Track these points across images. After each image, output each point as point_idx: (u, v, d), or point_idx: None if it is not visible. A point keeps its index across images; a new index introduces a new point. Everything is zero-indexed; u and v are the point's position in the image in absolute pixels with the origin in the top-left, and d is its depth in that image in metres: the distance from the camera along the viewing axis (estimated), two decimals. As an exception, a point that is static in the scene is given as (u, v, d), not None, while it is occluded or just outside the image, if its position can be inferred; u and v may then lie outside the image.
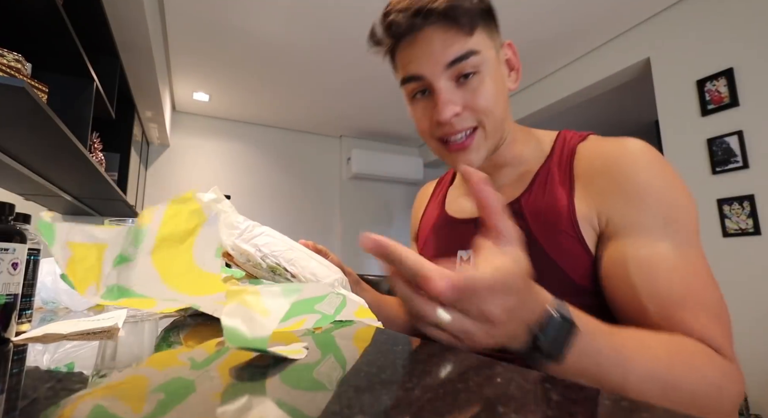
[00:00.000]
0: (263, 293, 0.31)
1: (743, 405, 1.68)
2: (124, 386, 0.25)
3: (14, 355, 0.33)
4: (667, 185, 0.48)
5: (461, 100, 0.52)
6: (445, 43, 0.50)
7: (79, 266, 0.35)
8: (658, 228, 0.46)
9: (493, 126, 0.54)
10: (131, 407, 0.20)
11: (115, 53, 1.91)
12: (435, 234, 0.67)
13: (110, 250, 0.36)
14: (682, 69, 2.11)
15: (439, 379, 0.25)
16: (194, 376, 0.26)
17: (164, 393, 0.22)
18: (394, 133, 4.20)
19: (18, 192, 1.89)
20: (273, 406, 0.20)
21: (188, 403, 0.21)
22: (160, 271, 0.34)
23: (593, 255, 0.50)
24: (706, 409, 0.37)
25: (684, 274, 0.44)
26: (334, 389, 0.22)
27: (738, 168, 1.85)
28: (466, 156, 0.54)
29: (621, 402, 0.19)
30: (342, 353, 0.33)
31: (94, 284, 0.36)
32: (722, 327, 0.42)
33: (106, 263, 0.36)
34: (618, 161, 0.50)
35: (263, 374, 0.26)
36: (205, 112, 3.65)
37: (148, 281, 0.34)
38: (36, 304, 0.69)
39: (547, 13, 2.25)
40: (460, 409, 0.19)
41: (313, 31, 2.42)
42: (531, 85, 3.08)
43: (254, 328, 0.27)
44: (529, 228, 0.53)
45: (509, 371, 0.25)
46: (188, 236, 0.33)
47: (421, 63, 0.52)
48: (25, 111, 0.96)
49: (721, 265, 1.88)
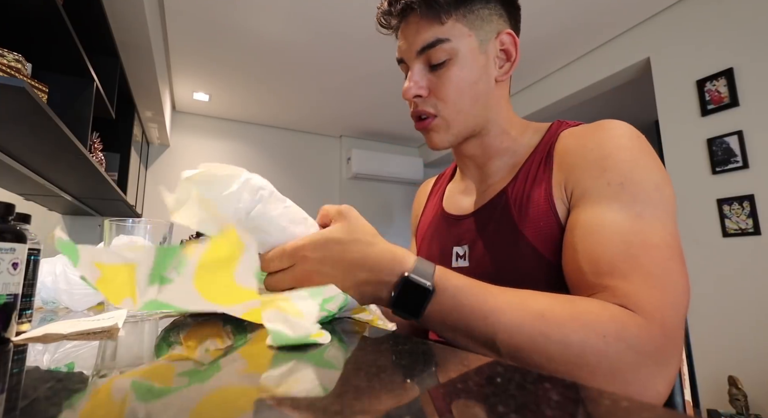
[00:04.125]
0: (293, 297, 0.35)
1: (743, 405, 1.68)
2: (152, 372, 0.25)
3: (14, 355, 0.33)
4: (630, 157, 0.47)
5: (428, 84, 0.55)
6: (418, 31, 0.55)
7: (111, 284, 0.36)
8: (611, 193, 0.45)
9: (455, 115, 0.56)
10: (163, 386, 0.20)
11: (115, 53, 1.91)
12: (433, 230, 0.68)
13: (141, 268, 0.37)
14: (682, 69, 2.11)
15: (439, 379, 0.25)
16: (206, 364, 0.26)
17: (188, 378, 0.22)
18: (394, 133, 4.20)
19: (18, 192, 1.89)
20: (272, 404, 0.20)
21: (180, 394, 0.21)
22: (202, 291, 0.35)
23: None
24: (581, 358, 0.35)
25: (627, 238, 0.41)
26: (333, 390, 0.22)
27: (738, 168, 1.85)
28: (429, 136, 0.58)
29: (621, 402, 0.19)
30: (341, 353, 0.33)
31: (130, 298, 0.37)
32: (659, 292, 0.38)
33: (140, 280, 0.37)
34: (589, 136, 0.51)
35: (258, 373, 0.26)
36: (205, 112, 3.65)
37: (189, 299, 0.36)
38: (36, 304, 0.69)
39: (546, 13, 2.25)
40: (460, 409, 0.19)
41: (313, 31, 2.42)
42: (531, 84, 3.08)
43: (296, 329, 0.31)
44: (513, 218, 0.54)
45: (509, 371, 0.25)
46: (230, 262, 0.35)
47: (402, 48, 0.57)
48: (25, 111, 0.96)
49: (721, 265, 1.88)
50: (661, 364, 0.36)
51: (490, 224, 0.57)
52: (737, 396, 1.70)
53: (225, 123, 3.82)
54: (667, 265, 0.40)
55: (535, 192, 0.53)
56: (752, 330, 1.76)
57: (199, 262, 0.35)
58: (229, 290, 0.35)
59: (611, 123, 0.51)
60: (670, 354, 0.37)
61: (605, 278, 0.40)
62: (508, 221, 0.54)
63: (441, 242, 0.64)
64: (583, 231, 0.44)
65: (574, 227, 0.46)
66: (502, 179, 0.59)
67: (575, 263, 0.44)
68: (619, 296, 0.39)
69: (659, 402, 0.36)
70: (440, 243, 0.64)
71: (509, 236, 0.53)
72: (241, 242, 0.34)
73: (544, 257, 0.50)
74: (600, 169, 0.47)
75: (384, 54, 2.64)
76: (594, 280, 0.41)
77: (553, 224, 0.50)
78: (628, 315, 0.37)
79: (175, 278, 0.35)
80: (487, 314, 0.37)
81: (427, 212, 0.75)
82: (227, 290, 0.35)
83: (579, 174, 0.49)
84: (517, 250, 0.52)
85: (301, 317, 0.32)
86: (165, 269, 0.36)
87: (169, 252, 0.36)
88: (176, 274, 0.35)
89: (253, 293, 0.35)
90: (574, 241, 0.45)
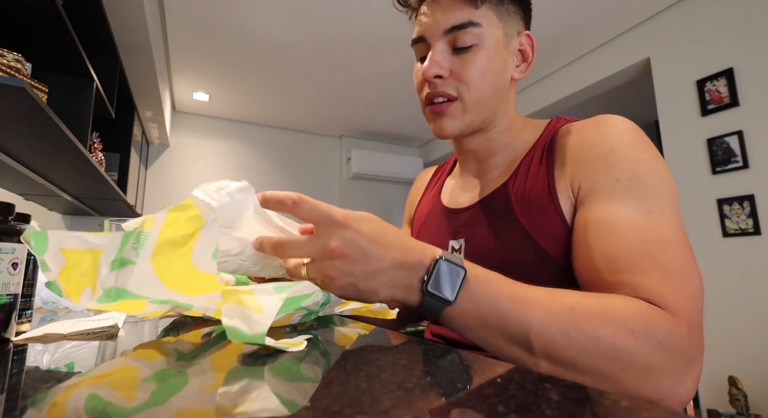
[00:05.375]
0: (257, 291, 0.33)
1: (743, 405, 1.68)
2: (115, 376, 0.25)
3: (14, 355, 0.33)
4: (635, 152, 0.47)
5: (450, 66, 0.54)
6: (449, 10, 0.53)
7: (74, 272, 0.35)
8: (621, 190, 0.45)
9: (474, 102, 0.55)
10: (124, 396, 0.20)
11: (115, 53, 1.91)
12: (429, 223, 0.68)
13: (106, 255, 0.36)
14: (682, 69, 2.11)
15: (440, 379, 0.25)
16: (186, 367, 0.26)
17: (156, 383, 0.22)
18: (394, 133, 4.20)
19: (18, 192, 1.89)
20: (270, 401, 0.20)
21: (182, 394, 0.21)
22: (160, 274, 0.34)
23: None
24: (613, 353, 0.34)
25: (642, 234, 0.41)
26: (333, 390, 0.22)
27: (738, 168, 1.85)
28: (441, 122, 0.56)
29: (621, 402, 0.19)
30: (341, 352, 0.33)
31: (90, 288, 0.35)
32: (680, 288, 0.38)
33: (102, 266, 0.36)
34: (590, 131, 0.51)
35: (255, 370, 0.26)
36: (205, 112, 3.65)
37: (147, 284, 0.34)
38: (36, 304, 0.69)
39: (547, 13, 2.25)
40: (461, 409, 0.19)
41: (313, 31, 2.42)
42: (531, 84, 3.08)
43: (251, 325, 0.29)
44: (514, 213, 0.53)
45: (509, 371, 0.25)
46: (187, 241, 0.33)
47: (426, 26, 0.55)
48: (25, 111, 0.96)
49: (721, 265, 1.88)
50: (689, 360, 0.35)
51: (488, 219, 0.57)
52: (737, 396, 1.70)
53: (225, 123, 3.82)
54: (683, 259, 0.40)
55: (536, 187, 0.53)
56: (752, 330, 1.76)
57: (158, 238, 0.33)
58: (187, 273, 0.33)
59: (611, 118, 0.51)
60: (696, 350, 0.36)
61: (624, 275, 0.40)
62: (509, 215, 0.54)
63: (437, 235, 0.64)
64: (596, 229, 0.44)
65: (586, 224, 0.46)
66: (501, 175, 0.59)
67: (590, 262, 0.43)
68: (640, 292, 0.38)
69: (689, 399, 0.36)
70: (436, 236, 0.64)
71: (509, 229, 0.53)
72: (200, 216, 0.33)
73: (544, 252, 0.50)
74: (607, 165, 0.47)
75: (384, 54, 2.64)
76: (611, 278, 0.41)
77: (556, 220, 0.49)
78: (655, 310, 0.36)
79: (134, 259, 0.34)
80: (520, 303, 0.36)
81: (423, 203, 0.75)
82: (184, 274, 0.33)
83: (586, 170, 0.48)
84: (516, 243, 0.52)
85: (260, 313, 0.30)
86: (124, 249, 0.35)
87: (131, 233, 0.35)
88: (135, 254, 0.34)
89: (212, 278, 0.33)
90: (588, 239, 0.44)
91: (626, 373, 0.34)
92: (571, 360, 0.35)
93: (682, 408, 0.38)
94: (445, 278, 0.36)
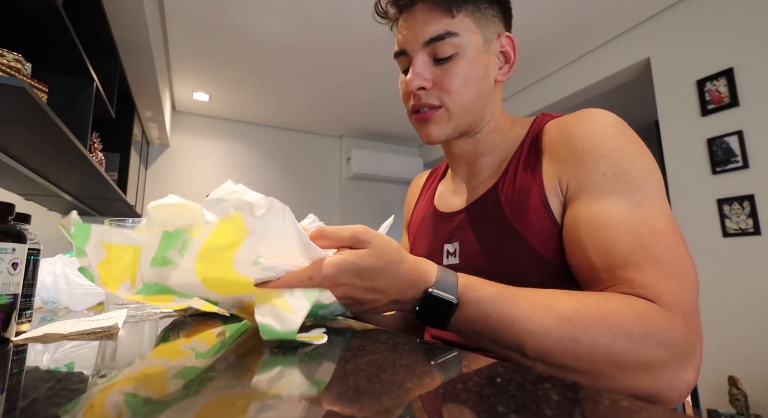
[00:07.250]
0: (287, 294, 0.36)
1: (743, 405, 1.68)
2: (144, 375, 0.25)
3: (14, 355, 0.33)
4: (619, 146, 0.47)
5: (432, 77, 0.55)
6: (426, 22, 0.54)
7: (114, 265, 0.38)
8: (608, 185, 0.45)
9: (459, 109, 0.55)
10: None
11: (115, 53, 1.91)
12: (424, 227, 0.69)
13: (146, 252, 0.38)
14: (682, 69, 2.11)
15: (439, 379, 0.25)
16: (207, 365, 0.26)
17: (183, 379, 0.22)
18: (394, 133, 4.20)
19: (18, 192, 1.89)
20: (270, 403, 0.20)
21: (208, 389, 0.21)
22: (201, 275, 0.36)
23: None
24: (610, 358, 0.35)
25: (634, 228, 0.42)
26: (333, 390, 0.22)
27: (738, 168, 1.85)
28: (427, 129, 0.57)
29: (621, 402, 0.19)
30: (341, 352, 0.33)
31: (129, 281, 0.38)
32: (676, 281, 0.39)
33: (143, 262, 0.38)
34: (574, 127, 0.51)
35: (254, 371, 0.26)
36: (205, 112, 3.65)
37: (188, 283, 0.36)
38: (36, 304, 0.69)
39: (546, 13, 2.25)
40: (461, 409, 0.19)
41: (313, 31, 2.42)
42: (531, 85, 3.08)
43: (284, 323, 0.33)
44: (505, 215, 0.54)
45: (509, 371, 0.25)
46: (231, 247, 0.35)
47: (406, 39, 0.56)
48: (25, 111, 0.96)
49: (721, 265, 1.88)
50: (688, 354, 0.36)
51: (480, 221, 0.57)
52: (737, 396, 1.70)
53: (225, 123, 3.81)
54: (677, 251, 0.41)
55: (525, 187, 0.53)
56: (752, 330, 1.76)
57: (204, 243, 0.35)
58: (227, 276, 0.35)
59: (593, 112, 0.51)
60: (693, 343, 0.37)
61: (620, 270, 0.41)
62: (500, 216, 0.54)
63: (432, 239, 0.65)
64: (588, 226, 0.44)
65: (577, 222, 0.46)
66: (491, 176, 0.60)
67: (586, 260, 0.44)
68: (636, 287, 0.39)
69: (689, 391, 0.37)
70: (432, 241, 0.65)
71: (501, 231, 0.53)
72: (245, 228, 0.35)
73: (536, 252, 0.50)
74: (593, 161, 0.47)
75: (384, 54, 2.64)
76: (608, 275, 0.42)
77: (546, 219, 0.50)
78: (652, 308, 0.37)
79: (178, 260, 0.36)
80: (513, 322, 0.37)
81: (418, 207, 0.75)
82: (224, 277, 0.35)
83: (572, 167, 0.49)
84: (508, 245, 0.52)
85: (291, 313, 0.34)
86: (168, 251, 0.37)
87: (175, 235, 0.37)
88: (179, 256, 0.36)
89: (249, 282, 0.36)
90: (581, 237, 0.45)
91: (622, 372, 0.36)
92: (566, 366, 0.36)
93: (682, 400, 0.39)
94: (435, 310, 0.39)
